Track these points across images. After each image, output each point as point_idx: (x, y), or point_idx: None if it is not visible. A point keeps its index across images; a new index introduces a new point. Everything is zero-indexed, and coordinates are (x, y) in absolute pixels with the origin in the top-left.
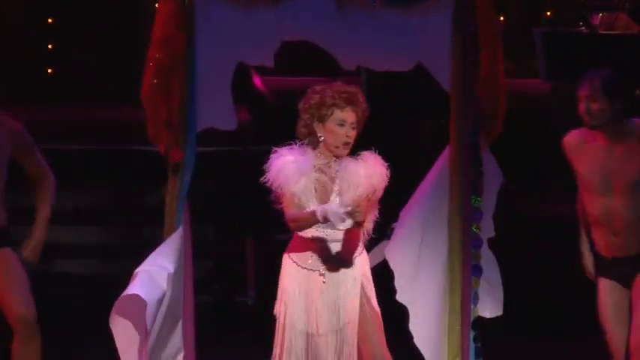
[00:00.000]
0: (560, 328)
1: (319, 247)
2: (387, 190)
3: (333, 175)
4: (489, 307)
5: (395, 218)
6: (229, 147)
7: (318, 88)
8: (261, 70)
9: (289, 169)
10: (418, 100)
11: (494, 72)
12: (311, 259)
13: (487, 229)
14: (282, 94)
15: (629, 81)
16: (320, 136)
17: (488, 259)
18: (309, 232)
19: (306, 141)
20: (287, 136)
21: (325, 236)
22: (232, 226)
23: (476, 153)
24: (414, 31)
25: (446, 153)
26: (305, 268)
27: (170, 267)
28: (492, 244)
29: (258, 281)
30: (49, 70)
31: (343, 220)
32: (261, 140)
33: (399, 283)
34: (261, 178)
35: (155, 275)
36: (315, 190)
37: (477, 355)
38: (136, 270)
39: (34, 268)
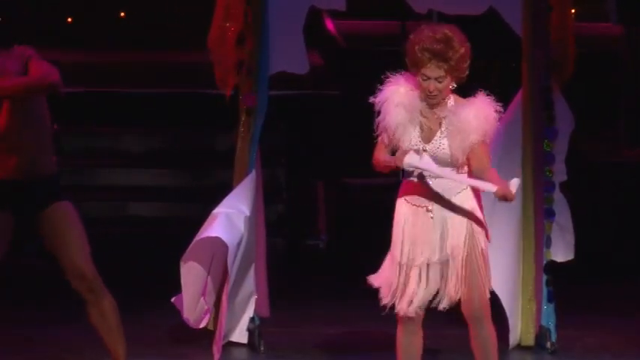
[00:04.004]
0: (633, 272)
1: (422, 186)
2: None
3: (439, 115)
4: (561, 251)
5: None
6: (300, 91)
7: (414, 35)
8: (333, 14)
9: (395, 99)
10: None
11: (565, 15)
12: (418, 198)
13: (559, 173)
14: (354, 37)
15: None
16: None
17: (560, 203)
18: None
19: None
20: (358, 80)
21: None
22: (303, 169)
23: (547, 96)
24: None
25: (518, 97)
26: (414, 205)
27: (246, 210)
28: (564, 188)
29: (329, 225)
30: (122, 14)
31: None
32: (331, 83)
33: None
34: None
35: (233, 218)
36: (421, 130)
37: (549, 298)
38: (214, 211)
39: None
